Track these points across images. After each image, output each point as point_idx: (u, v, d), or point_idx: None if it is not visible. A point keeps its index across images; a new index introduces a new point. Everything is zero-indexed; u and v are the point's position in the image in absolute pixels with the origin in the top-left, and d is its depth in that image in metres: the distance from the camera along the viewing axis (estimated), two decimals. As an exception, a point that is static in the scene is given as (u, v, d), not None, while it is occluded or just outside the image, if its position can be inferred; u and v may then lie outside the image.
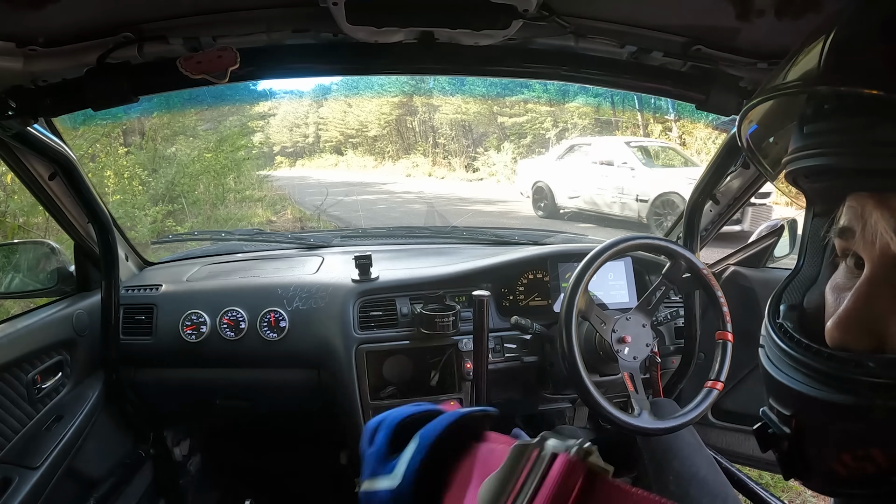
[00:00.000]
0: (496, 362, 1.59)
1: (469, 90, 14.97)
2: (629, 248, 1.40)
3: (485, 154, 16.89)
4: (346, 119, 22.81)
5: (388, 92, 18.33)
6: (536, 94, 13.19)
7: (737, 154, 1.42)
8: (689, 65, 1.06)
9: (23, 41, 0.88)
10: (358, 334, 1.56)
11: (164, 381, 1.69)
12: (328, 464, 2.10)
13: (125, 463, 1.74)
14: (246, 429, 2.22)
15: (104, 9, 0.88)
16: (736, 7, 0.87)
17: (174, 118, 8.54)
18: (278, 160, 21.44)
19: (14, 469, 1.27)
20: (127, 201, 6.76)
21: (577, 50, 1.04)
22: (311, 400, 1.68)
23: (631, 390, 1.32)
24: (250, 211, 9.46)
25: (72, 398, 1.50)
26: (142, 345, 1.63)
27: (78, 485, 1.54)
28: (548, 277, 1.70)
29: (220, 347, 1.62)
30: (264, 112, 16.00)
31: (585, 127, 14.03)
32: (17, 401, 1.32)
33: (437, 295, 1.65)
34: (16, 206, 4.83)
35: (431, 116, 19.38)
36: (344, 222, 9.63)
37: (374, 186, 15.23)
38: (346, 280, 1.65)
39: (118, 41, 0.93)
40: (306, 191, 13.37)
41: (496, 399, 1.67)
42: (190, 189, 8.20)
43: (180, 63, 0.93)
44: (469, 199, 12.16)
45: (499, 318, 1.65)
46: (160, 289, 1.71)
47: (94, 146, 6.79)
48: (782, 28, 0.92)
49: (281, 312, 1.62)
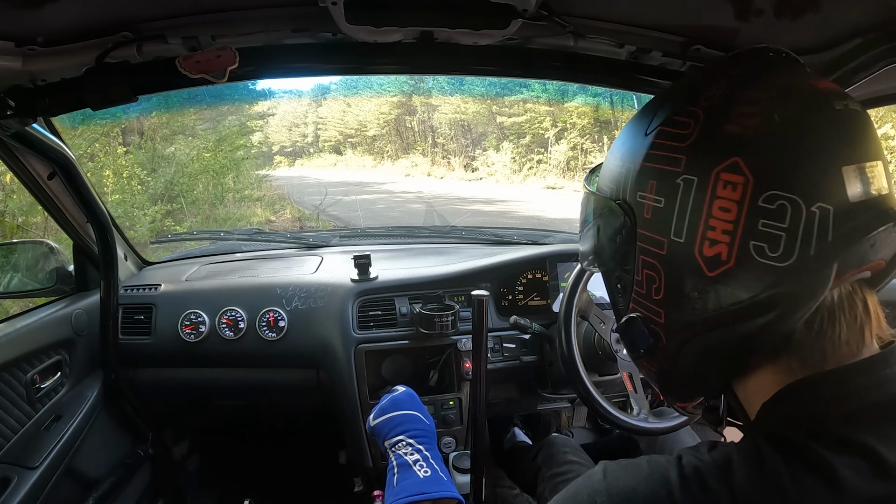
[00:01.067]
0: (495, 362, 1.59)
1: (468, 90, 14.99)
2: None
3: (484, 154, 16.92)
4: (346, 119, 22.84)
5: (388, 91, 18.36)
6: (535, 93, 13.19)
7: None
8: (688, 65, 1.06)
9: (22, 40, 0.88)
10: (357, 334, 1.56)
11: (163, 380, 1.69)
12: (327, 463, 2.10)
13: (124, 463, 1.74)
14: (245, 428, 2.22)
15: (103, 8, 0.88)
16: (735, 7, 0.87)
17: (173, 118, 8.53)
18: (277, 160, 21.47)
19: (13, 469, 1.27)
20: (126, 201, 6.76)
21: (577, 50, 1.04)
22: (309, 400, 1.68)
23: (630, 390, 1.33)
24: (249, 210, 9.46)
25: (71, 398, 1.50)
26: (141, 344, 1.63)
27: (77, 484, 1.54)
28: (547, 277, 1.70)
29: (218, 347, 1.62)
30: (263, 112, 16.02)
31: (585, 127, 14.04)
32: (16, 400, 1.32)
33: (436, 295, 1.65)
34: (15, 205, 4.82)
35: (430, 116, 19.41)
36: (343, 222, 9.65)
37: (373, 186, 15.25)
38: (345, 280, 1.65)
39: (117, 41, 0.92)
40: (305, 190, 13.38)
41: (495, 399, 1.67)
42: (189, 189, 8.20)
43: (179, 62, 0.92)
44: (468, 199, 12.18)
45: (498, 318, 1.65)
46: (159, 288, 1.71)
47: (93, 146, 6.78)
48: (781, 28, 0.92)
49: (280, 312, 1.62)
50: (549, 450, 1.43)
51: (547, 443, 1.47)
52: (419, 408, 1.01)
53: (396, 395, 1.03)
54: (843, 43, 0.90)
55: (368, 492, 1.50)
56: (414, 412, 0.98)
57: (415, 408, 1.00)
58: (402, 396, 1.02)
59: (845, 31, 0.88)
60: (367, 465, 1.54)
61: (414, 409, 0.99)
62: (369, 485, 1.63)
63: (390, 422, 0.96)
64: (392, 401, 1.01)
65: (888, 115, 6.68)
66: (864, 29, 0.86)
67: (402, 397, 1.02)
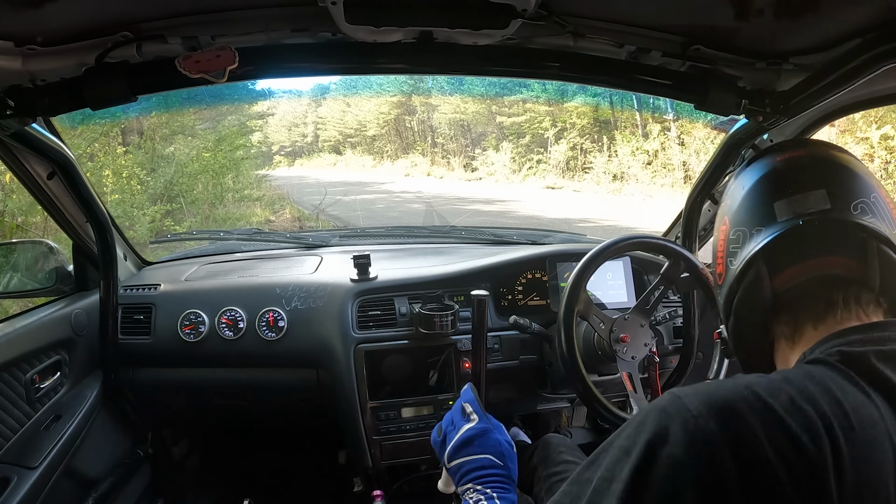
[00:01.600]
0: (495, 362, 1.59)
1: (468, 90, 15.00)
2: (628, 247, 1.41)
3: (483, 154, 16.91)
4: (345, 118, 22.84)
5: (387, 91, 18.37)
6: (535, 93, 13.21)
7: (735, 154, 1.42)
8: (687, 64, 1.06)
9: (21, 40, 0.88)
10: (356, 334, 1.56)
11: (163, 380, 1.69)
12: (327, 463, 2.10)
13: (124, 463, 1.73)
14: (244, 428, 2.21)
15: (103, 8, 0.88)
16: (735, 7, 0.87)
17: (173, 117, 8.53)
18: (277, 159, 21.47)
19: (12, 469, 1.27)
20: (125, 201, 6.75)
21: (576, 49, 1.04)
22: (309, 400, 1.68)
23: (630, 390, 1.32)
24: (249, 210, 9.46)
25: (70, 398, 1.50)
26: (140, 344, 1.63)
27: (76, 484, 1.53)
28: (546, 277, 1.70)
29: (218, 347, 1.61)
30: (263, 111, 16.04)
31: (584, 127, 14.04)
32: (16, 400, 1.32)
33: (435, 294, 1.64)
34: (14, 205, 4.82)
35: (430, 116, 19.42)
36: (342, 222, 9.65)
37: (373, 186, 15.26)
38: (345, 280, 1.65)
39: (117, 40, 0.92)
40: (305, 190, 13.38)
41: (494, 399, 1.67)
42: (188, 188, 8.21)
43: (179, 62, 0.92)
44: (468, 199, 12.18)
45: (497, 318, 1.65)
46: (159, 288, 1.71)
47: (92, 145, 6.78)
48: (781, 28, 0.92)
49: (279, 312, 1.62)
50: (544, 450, 1.43)
51: (543, 442, 1.47)
52: (490, 446, 0.92)
53: (466, 431, 0.94)
54: (843, 43, 0.90)
55: (368, 492, 1.50)
56: (483, 455, 0.91)
57: (485, 447, 0.92)
58: (472, 433, 0.93)
59: (845, 31, 0.88)
60: (366, 465, 1.54)
61: (483, 449, 0.91)
62: (369, 485, 1.63)
63: (459, 469, 0.91)
64: (462, 440, 0.93)
65: (888, 115, 6.68)
66: (864, 29, 0.86)
67: (471, 435, 0.93)
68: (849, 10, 0.83)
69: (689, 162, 11.62)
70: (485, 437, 0.93)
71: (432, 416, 1.55)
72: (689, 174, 11.32)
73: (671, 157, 12.08)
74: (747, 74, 1.07)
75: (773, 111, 1.08)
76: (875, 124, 6.93)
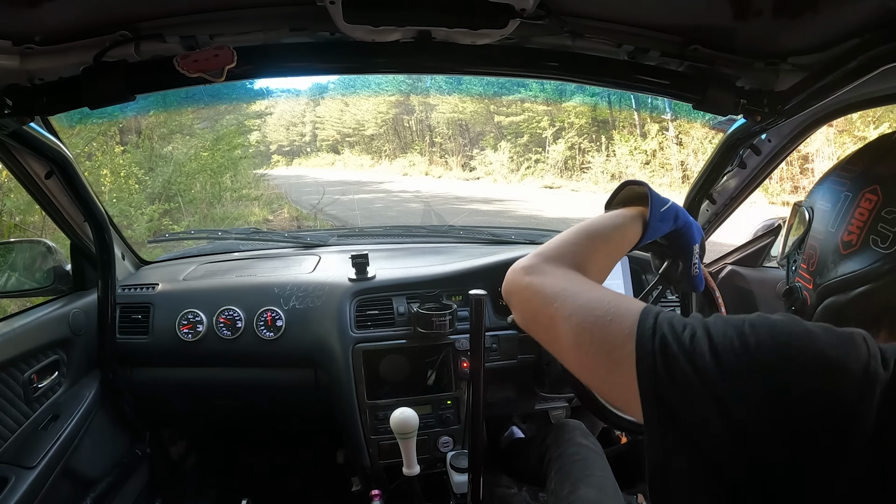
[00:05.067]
0: (493, 361, 1.59)
1: (466, 89, 14.98)
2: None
3: (481, 153, 16.90)
4: (343, 118, 22.80)
5: (385, 91, 18.34)
6: (533, 93, 13.20)
7: (733, 154, 1.42)
8: (686, 64, 1.06)
9: (19, 39, 0.88)
10: (354, 333, 1.56)
11: (161, 380, 1.69)
12: (325, 463, 2.10)
13: (122, 462, 1.73)
14: (242, 428, 2.21)
15: (101, 7, 0.87)
16: (733, 7, 0.87)
17: (171, 117, 8.51)
18: (275, 159, 21.41)
19: (10, 468, 1.27)
20: (123, 200, 6.75)
21: (575, 49, 1.04)
22: (307, 399, 1.68)
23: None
24: (247, 210, 9.44)
25: (68, 397, 1.50)
26: (138, 344, 1.63)
27: (74, 484, 1.53)
28: (545, 276, 1.70)
29: (216, 347, 1.61)
30: (261, 111, 16.00)
31: (582, 126, 14.05)
32: (14, 400, 1.32)
33: (433, 294, 1.65)
34: (12, 204, 4.81)
35: (428, 115, 19.39)
36: (341, 221, 9.63)
37: (371, 185, 15.23)
38: (343, 279, 1.65)
39: (115, 39, 0.92)
40: (303, 189, 13.35)
41: (493, 398, 1.67)
42: (186, 188, 8.19)
43: (177, 61, 0.92)
44: (466, 199, 12.17)
45: (495, 317, 1.65)
46: (156, 288, 1.71)
47: (90, 145, 6.77)
48: (779, 28, 0.92)
49: (277, 311, 1.62)
50: (558, 431, 1.44)
51: (557, 425, 1.47)
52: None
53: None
54: (843, 43, 0.90)
55: (366, 491, 1.50)
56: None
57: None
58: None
59: (844, 31, 0.88)
60: (364, 464, 1.54)
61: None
62: (367, 484, 1.63)
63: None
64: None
65: (886, 114, 6.70)
66: (862, 29, 0.86)
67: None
68: (847, 10, 0.83)
69: (687, 162, 11.64)
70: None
71: (430, 415, 1.55)
72: (688, 174, 11.34)
73: (669, 157, 12.10)
74: (745, 74, 1.07)
75: (771, 111, 1.08)
76: (873, 124, 6.96)
